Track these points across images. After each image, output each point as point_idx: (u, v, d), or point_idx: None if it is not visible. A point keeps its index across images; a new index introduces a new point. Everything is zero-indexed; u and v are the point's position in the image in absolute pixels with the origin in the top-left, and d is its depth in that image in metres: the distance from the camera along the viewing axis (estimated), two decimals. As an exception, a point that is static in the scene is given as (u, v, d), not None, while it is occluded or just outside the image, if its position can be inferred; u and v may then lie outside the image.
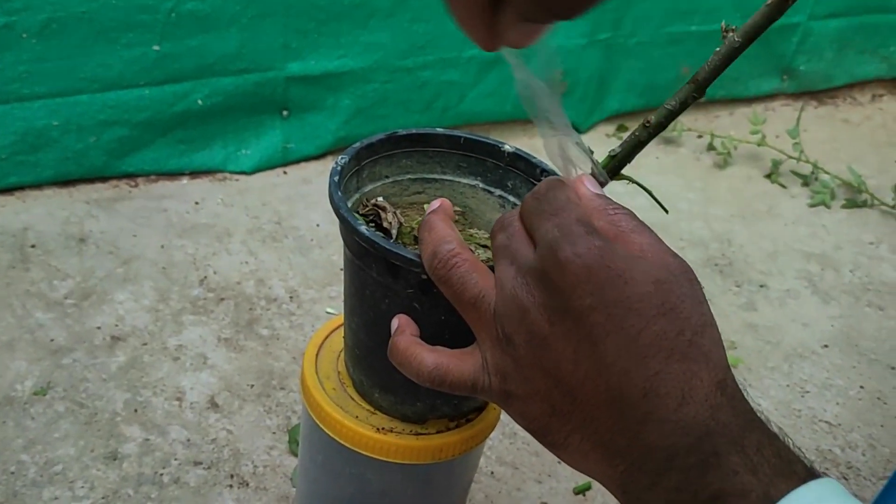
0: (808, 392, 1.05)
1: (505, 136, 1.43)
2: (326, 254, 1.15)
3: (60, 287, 1.01)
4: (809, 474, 0.35)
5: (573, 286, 0.38)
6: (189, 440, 0.85)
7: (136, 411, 0.87)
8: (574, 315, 0.38)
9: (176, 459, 0.83)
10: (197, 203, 1.21)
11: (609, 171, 0.44)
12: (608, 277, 0.37)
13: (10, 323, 0.95)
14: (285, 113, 1.28)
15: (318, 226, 1.20)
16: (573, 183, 0.42)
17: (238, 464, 0.84)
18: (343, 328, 0.61)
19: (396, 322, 0.49)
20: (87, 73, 1.12)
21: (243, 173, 1.28)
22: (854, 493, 0.36)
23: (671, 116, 0.42)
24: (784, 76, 1.74)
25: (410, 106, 1.36)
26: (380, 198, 0.57)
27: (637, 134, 0.43)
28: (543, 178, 0.43)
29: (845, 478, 0.93)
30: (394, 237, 0.54)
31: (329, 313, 1.04)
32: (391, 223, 0.54)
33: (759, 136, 1.53)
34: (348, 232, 0.51)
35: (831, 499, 0.34)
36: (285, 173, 1.30)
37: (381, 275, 0.50)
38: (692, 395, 0.37)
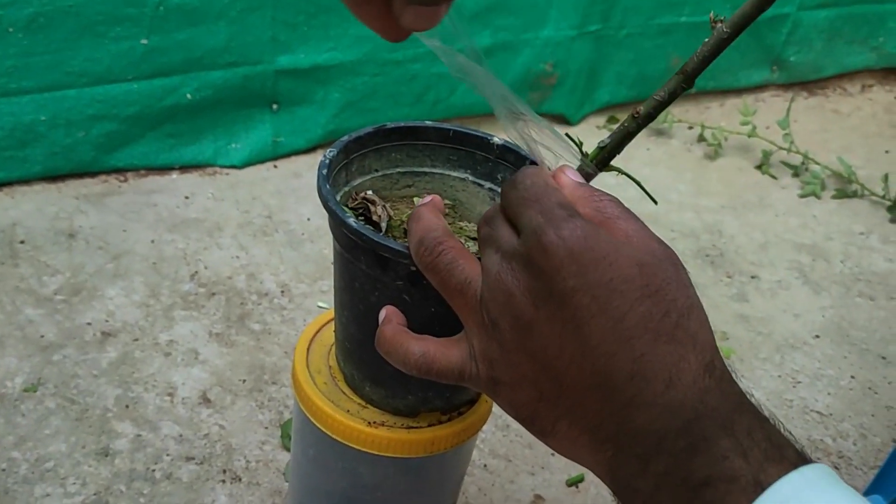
0: (800, 382, 1.05)
1: (495, 129, 1.42)
2: (317, 247, 1.14)
3: (50, 283, 1.01)
4: (800, 459, 0.35)
5: (557, 269, 0.38)
6: (181, 436, 0.85)
7: (128, 407, 0.87)
8: (558, 298, 0.38)
9: (168, 455, 0.83)
10: (187, 197, 1.20)
11: (598, 163, 0.44)
12: (592, 260, 0.37)
13: (0, 319, 0.94)
14: (275, 106, 1.28)
15: (309, 220, 1.19)
16: (554, 173, 0.42)
17: (230, 459, 0.84)
18: (334, 322, 0.61)
19: (384, 312, 0.49)
20: (75, 68, 1.11)
21: (233, 167, 1.28)
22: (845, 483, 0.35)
23: (660, 107, 0.42)
24: (774, 67, 1.74)
25: (400, 99, 1.36)
26: (369, 191, 0.57)
27: (626, 125, 0.43)
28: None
29: (836, 467, 0.94)
30: (383, 230, 0.54)
31: (320, 307, 1.04)
32: (380, 216, 0.54)
33: (750, 127, 1.53)
34: (337, 225, 0.50)
35: (822, 484, 0.34)
36: (275, 167, 1.30)
37: (371, 267, 0.50)
38: (679, 378, 0.37)
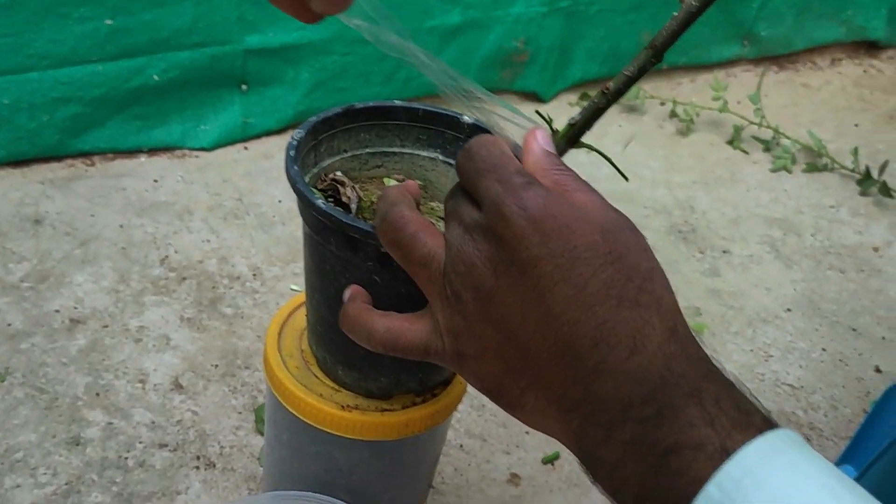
0: (772, 356, 1.06)
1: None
2: (289, 230, 1.13)
3: (16, 270, 0.99)
4: (767, 424, 0.35)
5: (519, 238, 0.37)
6: (153, 422, 0.84)
7: (99, 395, 0.86)
8: (520, 266, 0.38)
9: (141, 442, 0.82)
10: (156, 181, 1.18)
11: (568, 140, 0.44)
12: (554, 228, 0.37)
13: (-35, 308, 0.93)
14: (244, 87, 1.26)
15: (280, 201, 1.18)
16: (526, 137, 0.42)
17: (204, 445, 0.83)
18: (305, 305, 0.61)
19: (349, 291, 0.49)
20: (38, 50, 1.08)
21: (203, 149, 1.26)
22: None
23: (629, 83, 0.42)
24: (745, 42, 1.75)
25: (371, 78, 1.34)
26: (338, 172, 0.56)
27: (596, 101, 0.43)
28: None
29: (808, 439, 0.95)
30: (353, 212, 0.53)
31: (293, 290, 1.03)
32: (350, 198, 0.53)
33: (721, 103, 1.53)
34: (305, 207, 0.50)
35: (788, 450, 0.34)
36: (246, 149, 1.28)
37: (340, 249, 0.50)
38: (644, 344, 0.37)
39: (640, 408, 0.36)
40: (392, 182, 0.59)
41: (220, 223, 1.12)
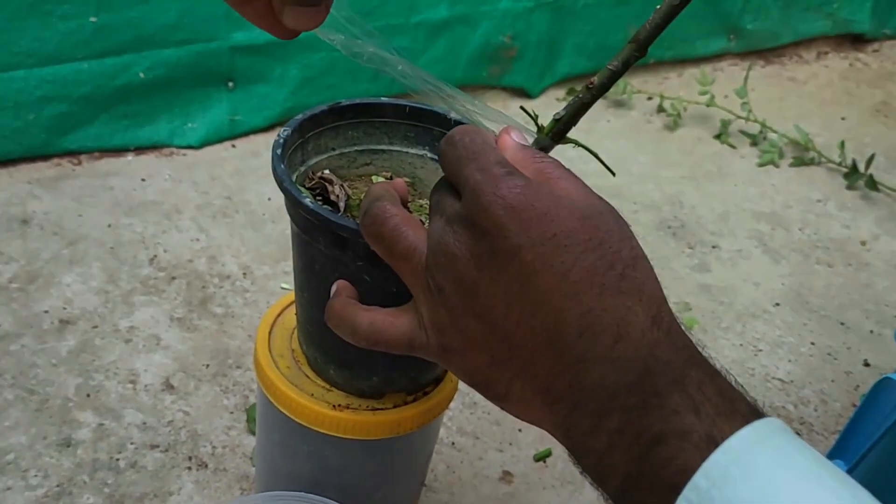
0: (761, 350, 1.07)
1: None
2: (279, 228, 1.13)
3: (4, 271, 0.98)
4: (753, 413, 0.35)
5: (499, 228, 0.37)
6: (145, 423, 0.84)
7: (89, 396, 0.86)
8: (501, 257, 0.37)
9: (132, 443, 0.82)
10: (143, 180, 1.18)
11: (554, 135, 0.44)
12: (534, 216, 0.37)
13: (-48, 310, 0.92)
14: (231, 84, 1.25)
15: (270, 199, 1.18)
16: (499, 135, 0.42)
17: (196, 445, 0.83)
18: (294, 305, 0.61)
19: (335, 287, 0.49)
20: (22, 48, 1.08)
21: (190, 147, 1.25)
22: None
23: (614, 77, 0.42)
24: (731, 35, 1.75)
25: (358, 75, 1.34)
26: (326, 170, 0.56)
27: (581, 96, 0.42)
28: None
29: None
30: (341, 210, 0.53)
31: (284, 289, 1.03)
32: (338, 196, 0.53)
33: (708, 97, 1.53)
34: (293, 206, 0.50)
35: (774, 438, 0.34)
36: (234, 146, 1.28)
37: (329, 248, 0.50)
38: (628, 332, 0.36)
39: (627, 396, 0.36)
40: (380, 180, 0.59)
41: (209, 222, 1.12)
